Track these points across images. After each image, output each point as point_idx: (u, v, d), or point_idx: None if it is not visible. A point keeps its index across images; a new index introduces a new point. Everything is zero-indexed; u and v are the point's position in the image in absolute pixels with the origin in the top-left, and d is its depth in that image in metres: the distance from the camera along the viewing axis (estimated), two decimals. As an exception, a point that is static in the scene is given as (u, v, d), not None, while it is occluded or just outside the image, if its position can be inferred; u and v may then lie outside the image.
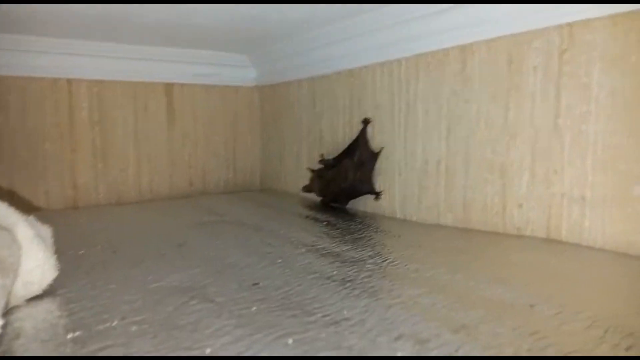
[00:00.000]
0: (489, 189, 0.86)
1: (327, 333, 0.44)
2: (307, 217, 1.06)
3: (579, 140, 0.72)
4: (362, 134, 1.09)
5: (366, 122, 1.10)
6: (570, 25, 0.72)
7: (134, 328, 0.47)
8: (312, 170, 1.18)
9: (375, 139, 1.09)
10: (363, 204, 1.14)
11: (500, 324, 0.45)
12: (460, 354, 0.40)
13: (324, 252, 0.75)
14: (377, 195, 1.08)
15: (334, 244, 0.79)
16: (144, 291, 0.59)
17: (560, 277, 0.59)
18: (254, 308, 0.51)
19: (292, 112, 1.42)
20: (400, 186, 1.04)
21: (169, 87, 1.43)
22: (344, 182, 1.08)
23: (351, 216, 1.06)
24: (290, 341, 0.43)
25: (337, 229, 0.92)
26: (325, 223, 0.98)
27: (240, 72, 1.55)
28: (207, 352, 0.41)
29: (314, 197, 1.24)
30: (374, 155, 1.07)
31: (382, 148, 1.07)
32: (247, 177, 1.59)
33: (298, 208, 1.17)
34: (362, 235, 0.88)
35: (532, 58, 0.78)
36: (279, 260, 0.71)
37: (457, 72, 0.90)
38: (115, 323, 0.48)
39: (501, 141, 0.83)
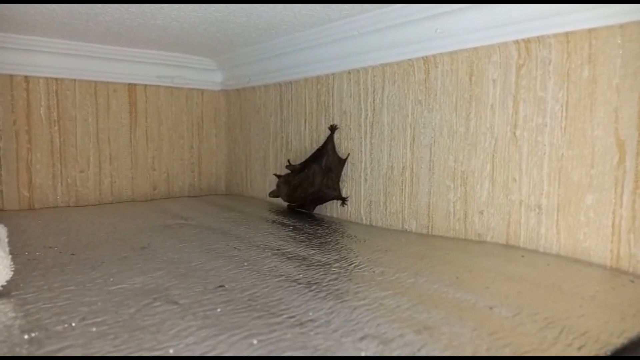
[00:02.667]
0: (451, 196, 0.88)
1: (292, 334, 0.44)
2: (273, 221, 1.06)
3: (535, 151, 0.76)
4: (330, 140, 1.10)
5: (333, 128, 1.11)
6: (526, 41, 0.76)
7: (93, 329, 0.46)
8: (279, 176, 1.18)
9: (342, 146, 1.10)
10: (329, 209, 1.15)
11: (461, 324, 0.47)
12: (422, 353, 0.41)
13: (290, 255, 0.75)
14: (344, 201, 1.09)
15: (300, 248, 0.80)
16: (104, 293, 0.57)
17: (518, 281, 0.62)
18: (219, 309, 0.51)
19: (258, 117, 1.42)
20: (366, 192, 1.05)
21: (132, 88, 1.40)
22: (311, 188, 1.09)
23: (318, 221, 1.07)
24: (255, 342, 0.43)
25: (304, 233, 0.93)
26: (291, 227, 0.98)
27: (206, 75, 1.53)
28: (170, 352, 0.41)
29: (280, 202, 1.24)
30: (341, 162, 1.08)
31: (348, 154, 1.08)
32: (212, 182, 1.57)
33: (264, 213, 1.17)
34: (329, 239, 0.89)
35: (492, 71, 0.81)
36: (245, 264, 0.70)
37: (421, 82, 0.93)
38: (74, 324, 0.47)
39: (463, 150, 0.86)
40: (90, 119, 1.32)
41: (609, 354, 0.42)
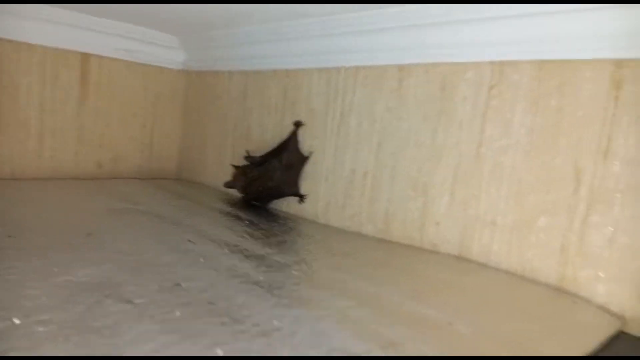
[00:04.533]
0: (410, 204, 0.89)
1: (258, 344, 0.43)
2: (228, 214, 1.03)
3: (497, 170, 0.78)
4: (293, 136, 1.08)
5: (298, 124, 1.09)
6: (501, 63, 0.78)
7: (40, 329, 0.42)
8: (237, 167, 1.15)
9: (306, 143, 1.09)
10: (285, 205, 1.13)
11: (424, 342, 0.48)
12: (390, 371, 0.41)
13: (248, 253, 0.73)
14: (302, 198, 1.08)
15: (258, 246, 0.78)
16: (49, 286, 0.53)
17: (472, 296, 0.63)
18: (178, 313, 0.48)
19: (219, 103, 1.38)
20: (326, 192, 1.05)
21: (85, 58, 1.31)
22: (269, 182, 1.07)
23: (273, 217, 1.05)
24: (219, 352, 0.41)
25: (260, 229, 0.91)
26: (247, 222, 0.96)
27: (168, 53, 1.46)
28: None
29: (234, 192, 1.21)
30: (303, 159, 1.07)
31: (311, 152, 1.07)
32: (163, 165, 1.51)
33: (218, 203, 1.13)
34: (286, 238, 0.87)
35: (464, 88, 0.83)
36: (202, 260, 0.68)
37: (394, 90, 0.93)
38: (17, 321, 0.43)
39: (427, 161, 0.87)
40: (35, 87, 1.22)
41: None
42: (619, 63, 0.66)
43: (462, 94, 0.83)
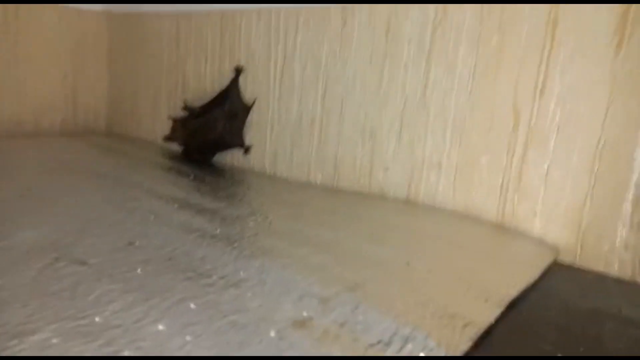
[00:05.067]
0: (358, 150, 0.90)
1: (229, 295, 0.43)
2: (170, 168, 0.99)
3: (442, 113, 0.80)
4: (234, 83, 1.04)
5: (239, 70, 1.05)
6: (444, 5, 0.78)
7: (-11, 298, 0.39)
8: (175, 120, 1.09)
9: (248, 90, 1.05)
10: (230, 157, 1.10)
11: (387, 281, 0.50)
12: (360, 310, 0.42)
13: (199, 208, 0.71)
14: (247, 149, 1.05)
15: (207, 200, 0.76)
16: (-11, 251, 0.49)
17: (424, 237, 0.67)
18: (139, 270, 0.47)
19: (148, 48, 1.28)
20: (272, 142, 1.03)
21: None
22: (211, 134, 1.03)
23: (218, 171, 1.03)
24: (192, 305, 0.40)
25: (206, 184, 0.88)
26: (192, 177, 0.93)
27: (86, -7, 1.33)
28: (96, 320, 0.37)
29: (174, 147, 1.16)
30: (247, 108, 1.04)
31: (255, 100, 1.04)
32: (89, 118, 1.40)
33: (157, 158, 1.08)
34: (235, 191, 0.86)
35: (408, 29, 0.82)
36: (152, 217, 0.65)
37: (337, 32, 0.91)
38: (-40, 293, 0.39)
39: (374, 105, 0.88)
40: None
41: (503, 307, 0.48)
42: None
43: (406, 37, 0.83)
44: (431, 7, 0.79)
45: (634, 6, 0.62)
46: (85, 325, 0.36)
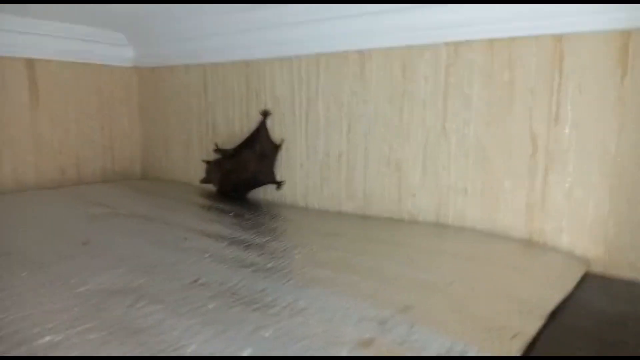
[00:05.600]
0: (386, 180, 0.96)
1: (295, 323, 0.48)
2: (210, 207, 1.06)
3: (462, 142, 0.86)
4: (262, 125, 1.11)
5: (266, 114, 1.12)
6: (455, 44, 0.85)
7: (92, 336, 0.45)
8: (208, 162, 1.17)
9: (275, 132, 1.13)
10: (263, 193, 1.17)
11: (434, 301, 0.54)
12: (415, 330, 0.47)
13: (247, 244, 0.77)
14: (279, 185, 1.12)
15: (252, 236, 0.82)
16: (73, 297, 0.55)
17: (460, 258, 0.71)
18: (210, 306, 0.52)
19: (178, 98, 1.37)
20: (302, 177, 1.10)
21: (30, 64, 1.26)
22: (244, 174, 1.10)
23: (254, 206, 1.09)
24: (266, 334, 0.45)
25: (247, 219, 0.94)
26: (232, 214, 0.99)
27: (116, 51, 1.43)
28: (189, 350, 0.42)
29: (207, 186, 1.23)
30: (276, 147, 1.11)
31: (282, 140, 1.11)
32: (126, 165, 1.49)
33: (196, 198, 1.15)
34: (274, 225, 0.92)
35: (423, 68, 0.89)
36: (206, 255, 0.71)
37: (357, 74, 0.98)
38: (66, 334, 0.45)
39: (397, 139, 0.94)
40: (-17, 98, 1.17)
41: (545, 319, 0.52)
42: (559, 38, 0.75)
43: (422, 74, 0.89)
44: (442, 46, 0.86)
45: (632, 39, 0.68)
46: (180, 355, 0.41)
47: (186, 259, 0.69)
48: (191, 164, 1.35)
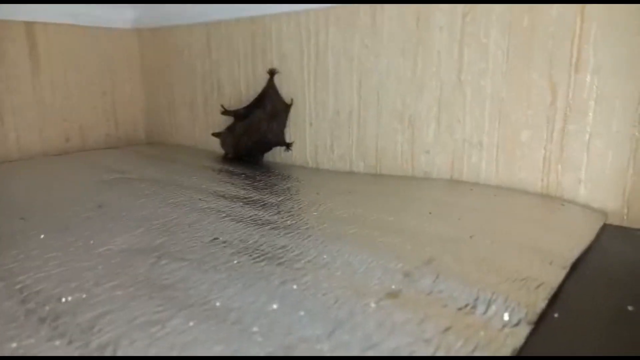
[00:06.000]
0: (399, 137, 0.95)
1: (322, 276, 0.48)
2: (220, 170, 1.05)
3: (478, 94, 0.84)
4: (271, 84, 1.09)
5: (272, 72, 1.09)
6: (473, -9, 0.82)
7: (119, 292, 0.45)
8: (218, 134, 1.15)
9: (283, 90, 1.10)
10: (272, 155, 1.16)
11: (457, 254, 0.54)
12: (440, 280, 0.47)
13: (262, 203, 0.77)
14: (289, 146, 1.10)
15: (266, 195, 0.81)
16: (95, 257, 0.55)
17: (477, 211, 0.71)
18: (235, 261, 0.52)
19: (181, 59, 1.34)
20: (312, 136, 1.08)
21: (30, 27, 1.22)
22: (256, 135, 1.08)
23: (264, 168, 1.08)
24: (295, 287, 0.45)
25: (259, 181, 0.94)
26: (244, 176, 0.98)
27: (114, 12, 1.39)
28: (217, 304, 0.42)
29: (210, 149, 1.22)
30: (287, 106, 1.08)
31: (292, 99, 1.09)
32: (130, 130, 1.47)
33: (206, 161, 1.14)
34: (287, 185, 0.91)
35: (438, 17, 0.86)
36: (223, 214, 0.70)
37: (368, 27, 0.95)
38: (90, 292, 0.45)
39: (410, 93, 0.92)
40: (-17, 64, 1.14)
41: (568, 269, 0.52)
42: (584, -19, 0.71)
43: (437, 24, 0.86)
44: (460, -6, 0.83)
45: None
46: (210, 309, 0.41)
47: (204, 219, 0.69)
48: (196, 128, 1.34)
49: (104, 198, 0.81)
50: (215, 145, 1.26)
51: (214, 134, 1.19)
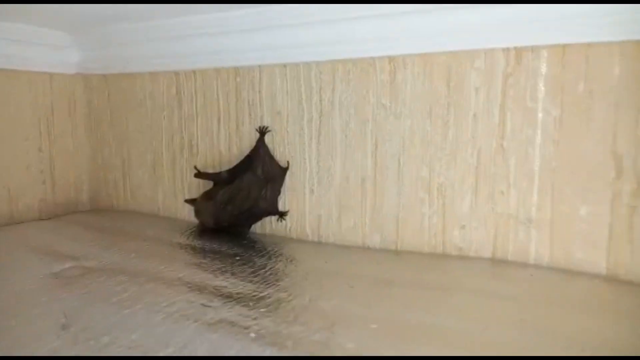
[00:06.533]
0: (425, 209, 0.81)
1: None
2: (203, 250, 0.85)
3: (525, 164, 0.74)
4: (261, 144, 0.92)
5: (263, 131, 0.93)
6: (516, 49, 0.73)
7: None
8: (192, 200, 0.96)
9: (276, 152, 0.94)
10: (260, 226, 0.97)
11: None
12: None
13: (277, 305, 0.59)
14: (282, 216, 0.93)
15: (279, 291, 0.63)
16: None
17: (545, 303, 0.59)
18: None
19: (142, 111, 1.13)
20: (313, 205, 0.92)
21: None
22: (246, 203, 0.90)
23: (255, 243, 0.89)
24: None
25: (262, 268, 0.75)
26: (238, 258, 0.79)
27: (56, 55, 1.16)
28: None
29: (186, 219, 1.02)
30: (283, 170, 0.92)
31: (288, 162, 0.93)
32: (70, 195, 1.21)
33: (174, 235, 0.93)
34: (291, 270, 0.73)
35: (473, 78, 0.76)
36: (252, 334, 0.52)
37: (386, 84, 0.83)
38: None
39: (440, 160, 0.80)
40: None
41: None
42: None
43: (472, 85, 0.76)
44: (501, 54, 0.74)
45: None
46: None
47: (223, 345, 0.49)
48: (160, 191, 1.12)
49: (65, 308, 0.58)
50: (183, 212, 1.06)
51: (188, 201, 0.99)
